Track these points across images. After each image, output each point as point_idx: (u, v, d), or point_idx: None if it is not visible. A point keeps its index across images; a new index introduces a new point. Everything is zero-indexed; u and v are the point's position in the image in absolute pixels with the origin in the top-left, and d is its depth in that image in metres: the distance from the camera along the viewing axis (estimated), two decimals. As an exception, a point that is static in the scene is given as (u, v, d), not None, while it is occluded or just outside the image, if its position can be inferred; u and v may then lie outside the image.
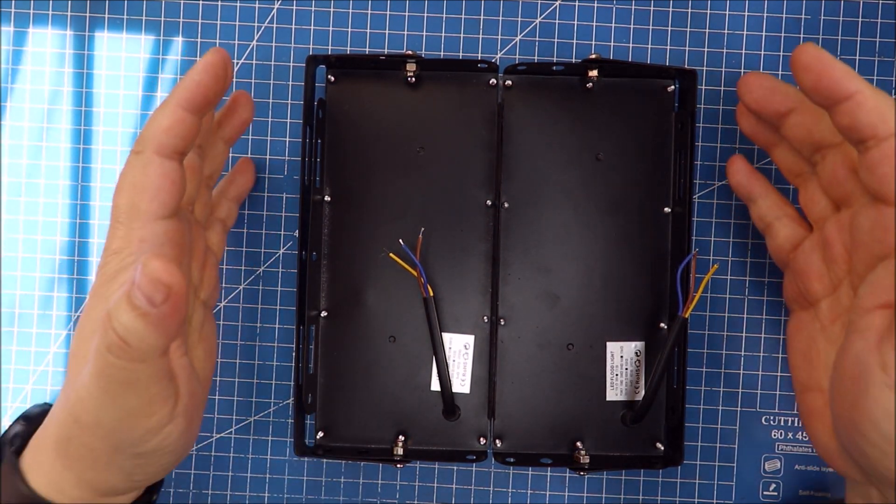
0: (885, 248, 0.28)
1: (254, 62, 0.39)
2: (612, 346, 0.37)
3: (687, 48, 0.39)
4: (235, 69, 0.39)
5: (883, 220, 0.28)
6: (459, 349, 0.37)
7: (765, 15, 0.39)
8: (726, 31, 0.39)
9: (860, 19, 0.39)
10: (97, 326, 0.26)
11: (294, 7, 0.39)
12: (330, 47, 0.39)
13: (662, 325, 0.37)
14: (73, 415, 0.28)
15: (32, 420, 0.31)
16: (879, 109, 0.27)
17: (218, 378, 0.39)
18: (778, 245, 0.34)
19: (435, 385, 0.37)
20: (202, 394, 0.32)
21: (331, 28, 0.39)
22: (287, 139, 0.39)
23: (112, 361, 0.26)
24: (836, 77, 0.28)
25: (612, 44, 0.39)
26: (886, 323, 0.27)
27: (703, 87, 0.39)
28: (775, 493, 0.39)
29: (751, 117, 0.34)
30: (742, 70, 0.39)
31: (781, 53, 0.39)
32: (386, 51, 0.39)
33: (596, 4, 0.39)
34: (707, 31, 0.39)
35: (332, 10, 0.39)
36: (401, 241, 0.37)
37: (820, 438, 0.31)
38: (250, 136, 0.39)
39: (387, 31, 0.39)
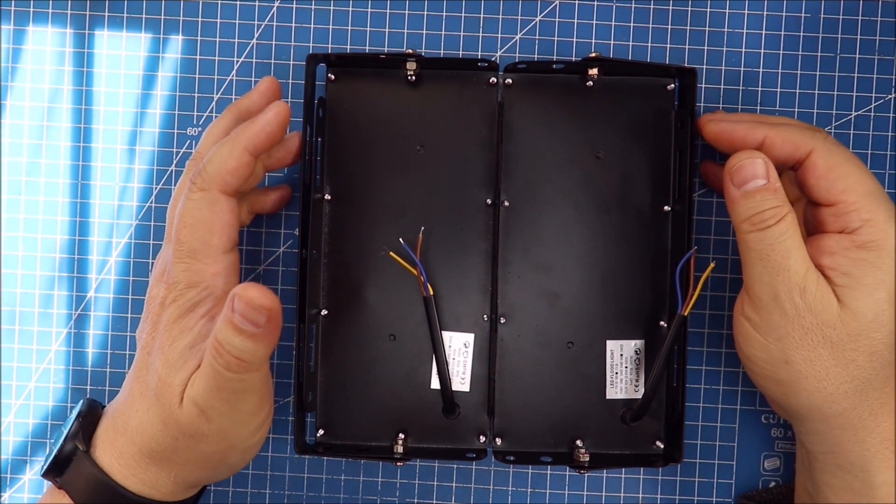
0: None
1: (254, 60, 0.39)
2: (611, 345, 0.37)
3: (687, 47, 0.39)
4: (235, 67, 0.39)
5: (819, 215, 0.33)
6: (459, 347, 0.37)
7: (764, 13, 0.39)
8: (726, 30, 0.39)
9: (860, 18, 0.39)
10: (191, 354, 0.30)
11: (294, 5, 0.39)
12: (330, 46, 0.39)
13: (662, 323, 0.37)
14: (183, 430, 0.31)
15: (86, 415, 0.33)
16: (789, 140, 0.33)
17: (218, 376, 0.39)
18: None
19: (435, 383, 0.37)
20: None
21: (331, 26, 0.39)
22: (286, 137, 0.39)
23: (230, 377, 0.29)
24: (740, 135, 0.33)
25: (612, 42, 0.39)
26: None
27: (703, 86, 0.39)
28: (774, 491, 0.39)
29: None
30: (742, 69, 0.39)
31: (781, 52, 0.39)
32: (386, 49, 0.39)
33: (596, 3, 0.39)
34: (707, 29, 0.39)
35: (332, 8, 0.39)
36: (401, 239, 0.37)
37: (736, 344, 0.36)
38: (250, 135, 0.39)
39: (387, 30, 0.39)
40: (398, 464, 0.38)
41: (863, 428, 0.32)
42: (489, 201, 0.37)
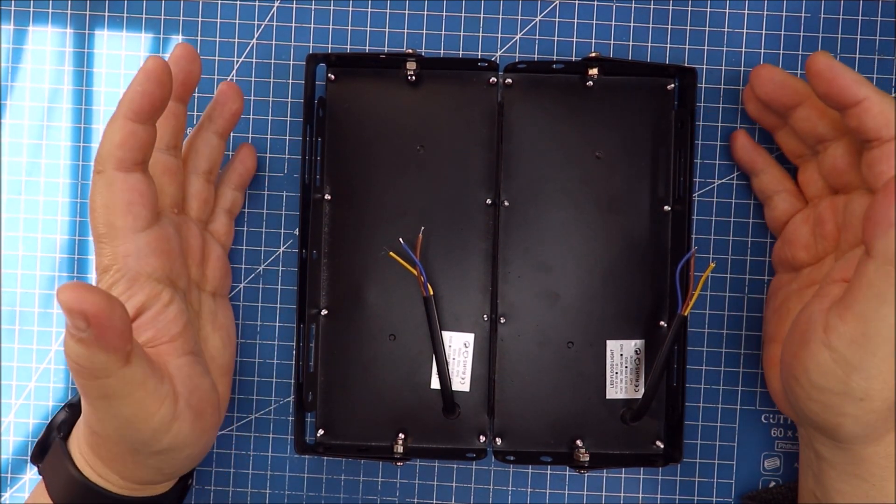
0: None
1: (254, 60, 0.39)
2: (611, 345, 0.37)
3: (687, 46, 0.39)
4: (235, 67, 0.39)
5: None
6: (459, 347, 0.37)
7: (764, 13, 0.39)
8: (726, 30, 0.39)
9: (860, 17, 0.39)
10: None
11: (294, 5, 0.39)
12: (330, 45, 0.39)
13: (662, 323, 0.37)
14: (88, 426, 0.30)
15: (75, 407, 0.33)
16: (885, 115, 0.30)
17: (218, 376, 0.39)
18: (775, 216, 0.37)
19: (435, 383, 0.37)
20: (221, 384, 0.35)
21: (331, 26, 0.39)
22: (287, 137, 0.39)
23: (83, 383, 0.27)
24: (845, 84, 0.31)
25: (612, 42, 0.39)
26: (841, 293, 0.30)
27: (703, 86, 0.39)
28: (774, 491, 0.39)
29: (758, 103, 0.36)
30: (742, 68, 0.39)
31: (781, 52, 0.39)
32: (386, 49, 0.39)
33: (596, 3, 0.39)
34: (707, 29, 0.39)
35: (332, 8, 0.39)
36: (401, 239, 0.37)
37: (772, 384, 0.35)
38: (250, 135, 0.39)
39: (387, 30, 0.39)
40: (398, 464, 0.38)
41: (893, 443, 0.31)
42: (489, 201, 0.37)
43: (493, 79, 0.37)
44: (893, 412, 0.30)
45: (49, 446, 0.33)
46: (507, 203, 0.37)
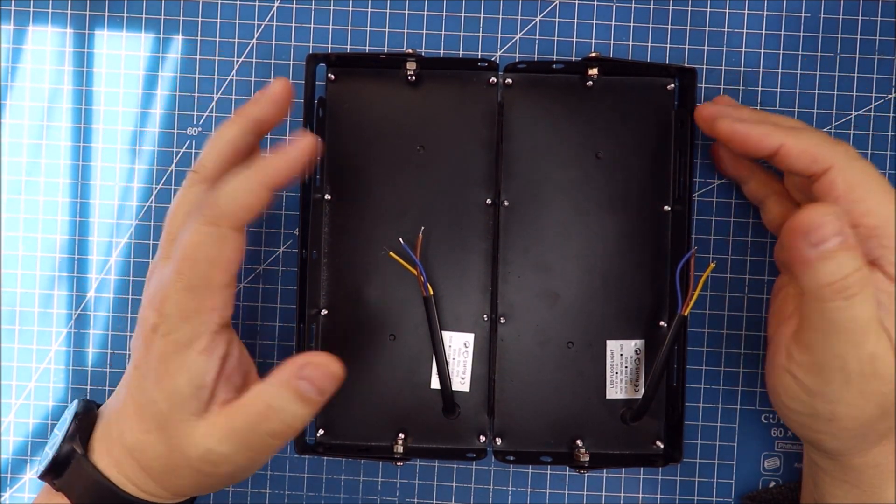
0: None
1: (254, 60, 0.39)
2: (611, 345, 0.37)
3: (687, 46, 0.39)
4: (235, 67, 0.39)
5: None
6: (459, 347, 0.37)
7: (764, 13, 0.39)
8: (726, 30, 0.39)
9: (860, 17, 0.39)
10: (194, 394, 0.29)
11: (294, 5, 0.39)
12: (330, 45, 0.39)
13: (662, 323, 0.37)
14: (191, 465, 0.30)
15: (83, 417, 0.33)
16: (807, 152, 0.30)
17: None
18: (770, 219, 0.37)
19: (435, 383, 0.37)
20: None
21: (331, 26, 0.39)
22: (287, 138, 0.39)
23: (270, 442, 0.30)
24: (756, 140, 0.31)
25: (612, 42, 0.39)
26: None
27: (703, 86, 0.39)
28: (774, 491, 0.39)
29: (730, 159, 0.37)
30: (742, 68, 0.39)
31: (781, 52, 0.39)
32: (386, 49, 0.39)
33: (596, 3, 0.39)
34: (707, 29, 0.39)
35: (332, 8, 0.39)
36: (401, 239, 0.37)
37: (768, 382, 0.35)
38: (250, 135, 0.39)
39: (387, 30, 0.39)
40: (398, 464, 0.38)
41: (882, 454, 0.31)
42: (489, 201, 0.37)
43: (493, 79, 0.37)
44: (873, 428, 0.30)
45: (65, 461, 0.31)
46: (507, 203, 0.37)
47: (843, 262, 0.27)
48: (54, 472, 0.31)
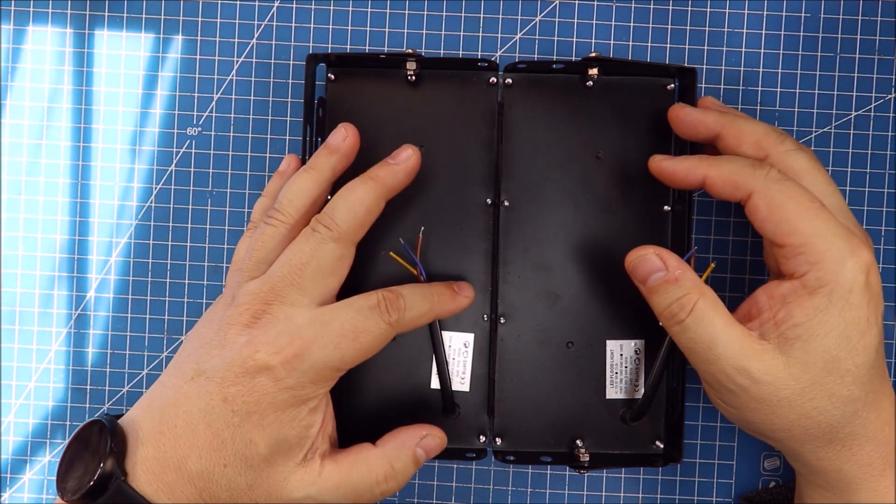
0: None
1: (254, 60, 0.39)
2: (611, 345, 0.37)
3: (687, 46, 0.39)
4: (235, 67, 0.39)
5: (775, 255, 0.32)
6: (459, 347, 0.37)
7: (764, 13, 0.39)
8: (726, 30, 0.39)
9: (860, 17, 0.39)
10: (300, 445, 0.31)
11: (294, 5, 0.39)
12: (330, 45, 0.39)
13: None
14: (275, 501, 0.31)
15: (116, 436, 0.30)
16: (730, 181, 0.31)
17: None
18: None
19: (435, 383, 0.37)
20: None
21: (331, 26, 0.39)
22: (287, 137, 0.40)
23: (377, 499, 0.32)
24: (682, 175, 0.33)
25: (612, 42, 0.39)
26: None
27: (703, 86, 0.39)
28: (774, 491, 0.39)
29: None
30: (742, 68, 0.39)
31: (781, 52, 0.39)
32: (386, 49, 0.39)
33: (596, 3, 0.39)
34: (707, 29, 0.39)
35: (332, 8, 0.39)
36: (401, 239, 0.37)
37: None
38: (250, 135, 0.39)
39: (387, 30, 0.39)
40: (398, 464, 0.38)
41: (839, 459, 0.32)
42: (489, 201, 0.37)
43: (493, 79, 0.37)
44: (792, 433, 0.31)
45: (103, 485, 0.29)
46: (507, 203, 0.37)
47: (667, 293, 0.31)
48: (90, 497, 0.29)
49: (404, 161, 0.33)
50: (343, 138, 0.34)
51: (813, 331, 0.30)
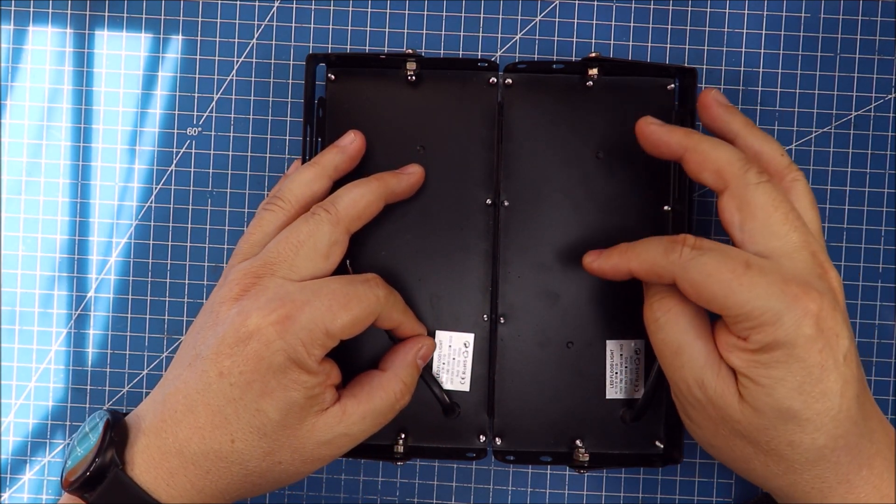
0: None
1: (254, 60, 0.39)
2: (611, 345, 0.37)
3: (687, 46, 0.39)
4: (235, 67, 0.39)
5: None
6: (459, 347, 0.37)
7: (764, 13, 0.39)
8: (726, 30, 0.39)
9: (860, 18, 0.39)
10: (297, 409, 0.31)
11: (294, 5, 0.39)
12: (330, 45, 0.39)
13: (662, 323, 0.37)
14: (311, 454, 0.32)
15: (116, 429, 0.31)
16: (653, 272, 0.31)
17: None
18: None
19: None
20: None
21: (331, 26, 0.39)
22: (287, 137, 0.40)
23: (396, 413, 0.34)
24: (611, 271, 0.33)
25: (612, 42, 0.39)
26: None
27: (703, 86, 0.39)
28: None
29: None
30: (742, 68, 0.39)
31: (781, 52, 0.39)
32: (386, 49, 0.39)
33: (596, 3, 0.39)
34: (707, 29, 0.39)
35: (332, 8, 0.39)
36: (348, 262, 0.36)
37: None
38: (250, 135, 0.39)
39: (387, 30, 0.39)
40: (398, 463, 0.38)
41: (810, 498, 0.31)
42: (489, 201, 0.37)
43: (493, 79, 0.37)
44: (782, 479, 0.30)
45: (100, 475, 0.30)
46: (507, 203, 0.37)
47: (648, 304, 0.32)
48: (88, 487, 0.30)
49: (410, 173, 0.35)
50: (351, 141, 0.35)
51: (758, 381, 0.29)
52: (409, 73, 0.37)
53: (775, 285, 0.28)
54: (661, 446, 0.37)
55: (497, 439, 0.37)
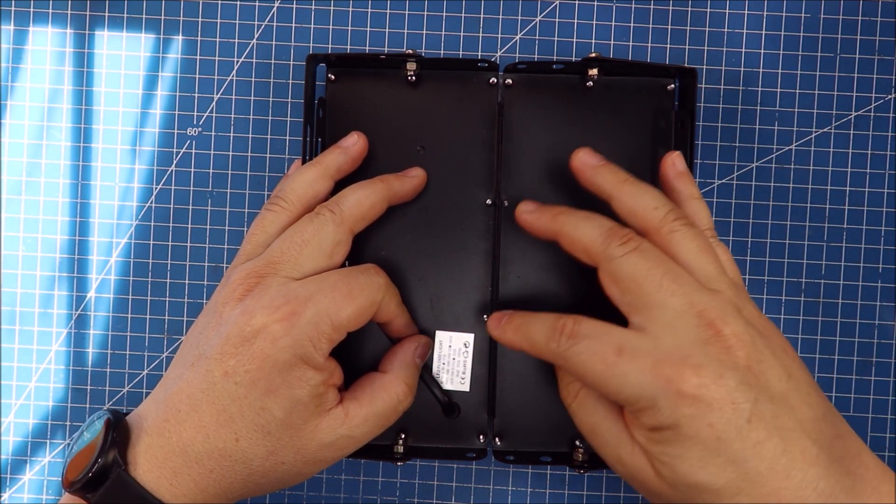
0: None
1: (254, 60, 0.39)
2: (611, 345, 0.37)
3: (687, 47, 0.39)
4: (235, 67, 0.40)
5: None
6: (459, 347, 0.37)
7: (764, 13, 0.39)
8: (726, 30, 0.39)
9: (860, 18, 0.39)
10: (301, 407, 0.31)
11: (294, 5, 0.39)
12: (330, 46, 0.39)
13: (662, 323, 0.37)
14: (312, 455, 0.32)
15: (118, 428, 0.31)
16: (537, 356, 0.31)
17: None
18: None
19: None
20: None
21: (331, 26, 0.39)
22: (287, 138, 0.40)
23: (399, 415, 0.34)
24: (508, 343, 0.33)
25: (612, 42, 0.39)
26: None
27: (703, 86, 0.39)
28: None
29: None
30: (742, 68, 0.39)
31: (781, 52, 0.39)
32: (386, 49, 0.39)
33: (596, 3, 0.39)
34: (707, 29, 0.39)
35: (332, 8, 0.39)
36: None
37: None
38: (250, 135, 0.39)
39: (387, 30, 0.39)
40: (398, 464, 0.38)
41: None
42: (489, 201, 0.37)
43: (493, 79, 0.37)
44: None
45: (102, 476, 0.29)
46: (507, 203, 0.37)
47: (561, 378, 0.33)
48: (90, 487, 0.30)
49: (413, 176, 0.36)
50: (354, 142, 0.35)
51: (663, 461, 0.28)
52: (409, 74, 0.37)
53: (646, 371, 0.27)
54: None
55: (497, 439, 0.37)
